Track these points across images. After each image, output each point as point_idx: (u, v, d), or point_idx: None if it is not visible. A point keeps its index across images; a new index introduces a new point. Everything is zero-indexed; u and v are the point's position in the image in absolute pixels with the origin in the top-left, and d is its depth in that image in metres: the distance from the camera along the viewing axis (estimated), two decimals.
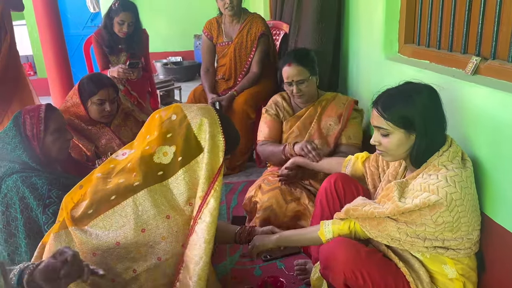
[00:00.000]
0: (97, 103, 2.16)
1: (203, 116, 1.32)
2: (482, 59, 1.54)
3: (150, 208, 1.27)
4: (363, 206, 1.35)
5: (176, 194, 1.30)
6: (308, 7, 2.79)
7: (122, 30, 2.98)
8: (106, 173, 1.38)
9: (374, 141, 1.42)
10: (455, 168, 1.28)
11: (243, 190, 2.63)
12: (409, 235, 1.29)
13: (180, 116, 1.33)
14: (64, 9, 5.66)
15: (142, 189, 1.29)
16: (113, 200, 1.29)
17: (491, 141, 1.38)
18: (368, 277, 1.32)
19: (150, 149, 1.32)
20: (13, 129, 1.70)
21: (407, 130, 1.33)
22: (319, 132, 2.20)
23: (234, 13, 2.91)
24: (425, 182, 1.27)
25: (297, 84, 2.16)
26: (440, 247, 1.30)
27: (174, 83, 4.69)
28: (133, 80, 3.02)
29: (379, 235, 1.34)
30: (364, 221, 1.36)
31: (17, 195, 1.60)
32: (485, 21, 1.56)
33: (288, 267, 1.89)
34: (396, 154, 1.39)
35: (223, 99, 2.87)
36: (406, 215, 1.27)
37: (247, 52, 2.96)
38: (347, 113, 2.19)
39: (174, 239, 1.28)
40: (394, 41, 2.20)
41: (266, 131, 2.31)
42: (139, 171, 1.31)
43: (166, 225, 1.27)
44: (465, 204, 1.26)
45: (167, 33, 6.48)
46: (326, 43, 2.75)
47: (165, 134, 1.32)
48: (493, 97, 1.36)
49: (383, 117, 1.34)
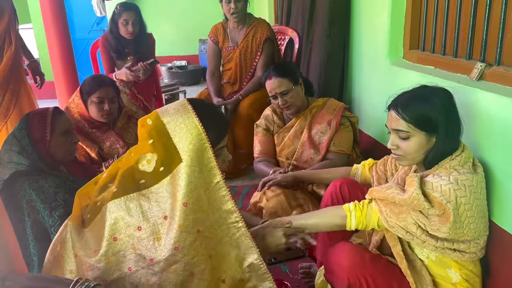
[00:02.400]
0: (96, 101, 2.19)
1: (179, 119, 1.21)
2: (487, 65, 1.55)
3: (124, 216, 1.20)
4: (388, 188, 1.30)
5: (153, 204, 1.20)
6: (320, 14, 2.83)
7: (128, 30, 3.01)
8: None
9: (391, 145, 1.36)
10: (466, 172, 1.27)
11: (247, 194, 2.64)
12: (425, 233, 1.27)
13: (157, 122, 1.22)
14: (70, 13, 5.71)
15: (119, 196, 1.22)
16: (98, 207, 1.26)
17: (496, 146, 1.38)
18: (372, 282, 1.32)
19: (134, 156, 1.25)
20: (21, 131, 1.72)
21: (428, 133, 1.30)
22: (310, 141, 2.21)
23: (240, 19, 2.94)
24: (437, 182, 1.25)
25: (281, 96, 2.17)
26: (449, 249, 1.29)
27: (179, 87, 4.72)
28: (139, 82, 3.05)
29: (396, 225, 1.29)
30: (386, 206, 1.30)
31: (24, 197, 1.62)
32: (490, 27, 1.56)
33: (293, 271, 1.89)
34: (414, 157, 1.34)
35: (229, 103, 2.88)
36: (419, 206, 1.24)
37: (252, 57, 2.98)
38: (336, 119, 2.19)
39: (144, 251, 1.19)
40: (399, 47, 2.21)
41: (258, 148, 2.35)
42: (120, 178, 1.25)
43: (137, 236, 1.19)
44: (474, 209, 1.25)
45: (172, 38, 6.53)
46: (336, 48, 2.80)
47: (146, 140, 1.23)
48: (498, 102, 1.37)
49: (404, 119, 1.30)
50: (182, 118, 1.20)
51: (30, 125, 1.73)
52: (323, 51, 2.83)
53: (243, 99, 2.91)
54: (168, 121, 1.20)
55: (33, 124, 1.73)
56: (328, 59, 2.83)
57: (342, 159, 2.17)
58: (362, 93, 2.67)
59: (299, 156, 2.24)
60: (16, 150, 1.69)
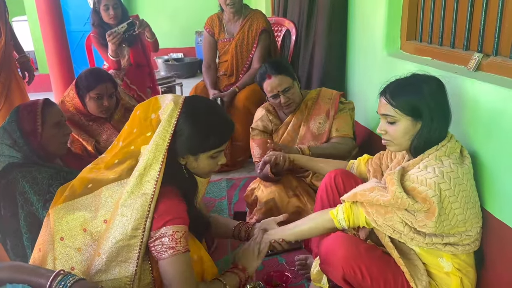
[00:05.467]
0: (95, 98, 2.15)
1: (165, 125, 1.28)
2: (484, 55, 1.54)
3: (115, 200, 1.27)
4: (371, 191, 1.33)
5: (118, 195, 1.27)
6: (321, 7, 2.84)
7: (110, 14, 3.02)
8: (95, 165, 1.39)
9: (380, 130, 1.42)
10: (452, 163, 1.29)
11: (244, 186, 2.64)
12: (412, 230, 1.29)
13: (156, 116, 1.30)
14: (65, 5, 5.67)
15: (112, 182, 1.29)
16: (89, 188, 1.31)
17: (492, 136, 1.38)
18: (367, 272, 1.33)
19: (135, 149, 1.31)
20: (11, 124, 1.70)
21: (414, 118, 1.34)
22: (310, 133, 2.19)
23: (236, 10, 2.91)
24: (422, 175, 1.27)
25: (283, 93, 2.12)
26: (439, 243, 1.30)
27: (175, 80, 4.70)
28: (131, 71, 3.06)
29: (383, 225, 1.32)
30: (371, 207, 1.33)
31: (17, 189, 1.60)
32: (487, 17, 1.55)
33: (289, 262, 1.90)
34: (401, 142, 1.38)
35: (225, 95, 2.87)
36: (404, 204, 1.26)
37: (249, 49, 2.96)
38: (334, 107, 2.17)
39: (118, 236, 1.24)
40: (397, 38, 2.20)
41: (257, 151, 2.25)
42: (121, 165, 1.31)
43: (116, 223, 1.25)
44: (459, 201, 1.26)
45: (169, 30, 6.49)
46: (338, 41, 2.79)
47: (145, 133, 1.30)
48: (495, 93, 1.37)
49: (391, 104, 1.35)
50: (163, 127, 1.27)
51: (21, 118, 1.70)
52: (326, 44, 2.82)
53: (239, 91, 2.89)
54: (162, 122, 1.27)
55: (23, 117, 1.71)
56: (331, 52, 2.82)
57: (347, 142, 2.13)
58: (360, 85, 2.66)
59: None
60: (7, 143, 1.67)
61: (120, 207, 1.23)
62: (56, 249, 1.27)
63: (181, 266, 1.24)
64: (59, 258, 1.26)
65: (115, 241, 1.21)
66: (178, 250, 1.23)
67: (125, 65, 3.15)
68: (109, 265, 1.22)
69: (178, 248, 1.23)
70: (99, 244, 1.24)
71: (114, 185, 1.28)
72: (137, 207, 1.22)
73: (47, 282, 1.02)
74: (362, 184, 1.43)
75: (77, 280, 1.04)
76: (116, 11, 3.03)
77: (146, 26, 3.09)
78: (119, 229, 1.21)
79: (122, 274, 1.23)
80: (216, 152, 1.36)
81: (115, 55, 3.02)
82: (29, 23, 5.78)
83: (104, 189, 1.29)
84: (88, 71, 2.25)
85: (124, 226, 1.21)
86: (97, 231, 1.26)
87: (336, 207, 1.42)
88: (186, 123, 1.29)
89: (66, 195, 1.33)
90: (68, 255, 1.26)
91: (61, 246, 1.27)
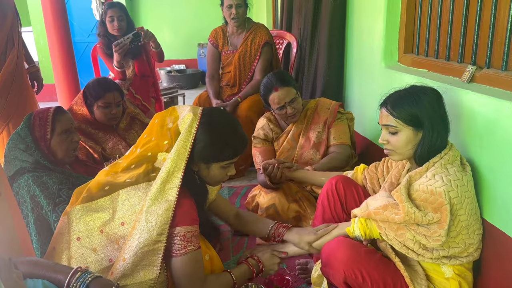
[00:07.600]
0: (103, 106, 2.20)
1: (186, 135, 1.34)
2: (478, 67, 1.60)
3: (132, 204, 1.32)
4: (384, 209, 1.36)
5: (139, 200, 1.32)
6: (324, 22, 2.94)
7: (114, 26, 3.09)
8: (112, 169, 1.44)
9: (382, 140, 1.46)
10: (457, 171, 1.33)
11: (245, 194, 2.67)
12: (421, 247, 1.33)
13: (175, 125, 1.36)
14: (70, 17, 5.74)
15: (129, 185, 1.34)
16: (106, 190, 1.36)
17: (486, 145, 1.43)
18: (367, 275, 1.36)
19: (152, 155, 1.37)
20: (24, 129, 1.76)
21: (415, 127, 1.38)
22: (309, 142, 2.24)
23: (240, 23, 3.00)
24: (431, 184, 1.30)
25: (290, 104, 2.17)
26: (445, 257, 1.34)
27: (178, 90, 4.75)
28: (137, 81, 3.12)
29: (394, 239, 1.36)
30: (384, 223, 1.37)
31: (28, 193, 1.65)
32: (480, 31, 1.62)
33: (290, 267, 1.92)
34: (403, 152, 1.42)
35: (228, 105, 2.93)
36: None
37: (251, 60, 3.04)
38: (332, 117, 2.24)
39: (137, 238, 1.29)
40: (394, 51, 2.26)
41: (259, 159, 2.33)
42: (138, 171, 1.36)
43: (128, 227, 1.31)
44: (464, 207, 1.30)
45: (171, 42, 6.59)
46: (337, 55, 2.89)
47: (162, 141, 1.36)
48: (488, 103, 1.42)
49: (392, 115, 1.39)
50: (184, 136, 1.32)
51: (33, 124, 1.77)
52: (327, 57, 2.93)
53: (241, 101, 2.96)
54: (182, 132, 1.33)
55: (35, 123, 1.78)
56: (331, 64, 2.93)
57: (345, 149, 2.19)
58: (359, 96, 2.72)
59: (299, 158, 2.28)
60: (21, 148, 1.73)
61: (144, 213, 1.27)
62: (72, 249, 1.31)
63: (192, 263, 1.30)
64: (75, 257, 1.31)
65: (140, 247, 1.26)
66: (190, 250, 1.29)
67: (130, 76, 3.22)
68: (134, 269, 1.27)
69: (190, 248, 1.30)
70: (123, 249, 1.29)
71: (131, 189, 1.33)
72: (161, 213, 1.26)
73: (65, 279, 1.06)
74: (373, 199, 1.45)
75: (95, 277, 1.08)
76: (120, 23, 3.11)
77: (152, 37, 3.16)
78: (144, 234, 1.25)
79: (147, 277, 1.28)
80: (228, 164, 1.41)
81: (120, 66, 3.09)
82: (34, 34, 5.87)
83: (121, 192, 1.34)
84: (96, 80, 2.31)
85: (149, 232, 1.25)
86: (114, 233, 1.31)
87: (352, 224, 1.46)
88: (204, 133, 1.35)
89: (84, 196, 1.38)
90: (83, 255, 1.31)
91: (77, 246, 1.32)
